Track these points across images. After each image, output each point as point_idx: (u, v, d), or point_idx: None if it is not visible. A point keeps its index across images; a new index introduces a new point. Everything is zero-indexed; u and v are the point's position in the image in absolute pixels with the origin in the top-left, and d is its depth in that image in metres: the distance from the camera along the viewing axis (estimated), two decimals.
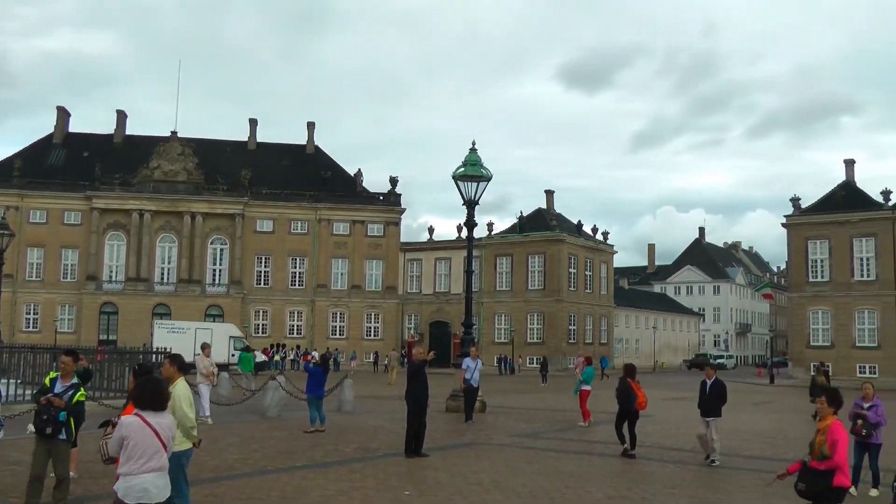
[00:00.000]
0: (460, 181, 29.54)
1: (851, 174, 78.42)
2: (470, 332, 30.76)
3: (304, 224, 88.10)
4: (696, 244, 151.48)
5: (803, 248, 74.63)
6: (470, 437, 22.34)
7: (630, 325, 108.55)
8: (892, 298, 70.37)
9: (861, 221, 72.13)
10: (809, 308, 74.24)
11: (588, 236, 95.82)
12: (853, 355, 70.13)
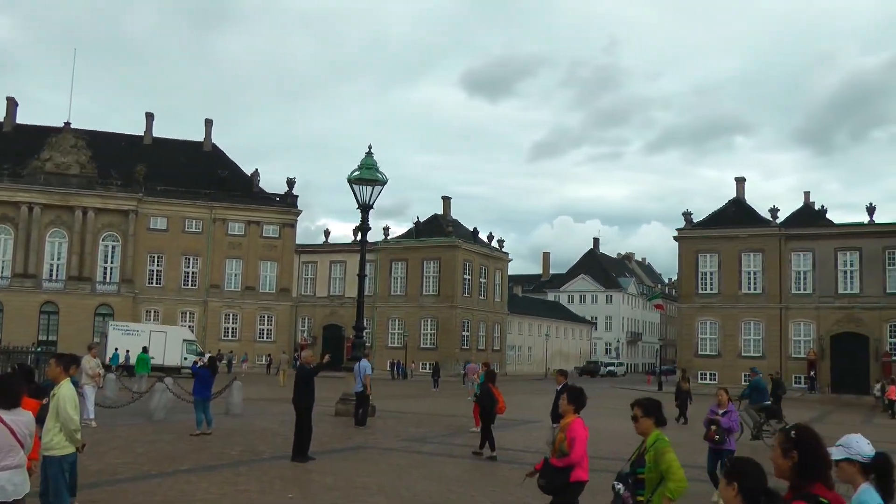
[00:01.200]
0: (355, 184, 29.70)
1: (742, 191, 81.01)
2: (361, 336, 30.94)
3: (199, 223, 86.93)
4: (590, 254, 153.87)
5: (694, 261, 76.70)
6: (358, 441, 22.51)
7: (523, 331, 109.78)
8: (777, 311, 72.85)
9: (750, 237, 74.49)
10: (698, 318, 76.32)
11: (483, 243, 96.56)
12: (738, 364, 72.15)
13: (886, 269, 70.22)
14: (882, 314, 69.58)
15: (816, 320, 72.11)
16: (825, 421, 40.83)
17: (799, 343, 73.04)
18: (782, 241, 73.54)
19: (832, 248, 72.14)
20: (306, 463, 17.58)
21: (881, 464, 5.17)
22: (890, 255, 70.24)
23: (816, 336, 71.97)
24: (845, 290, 71.65)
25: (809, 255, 73.12)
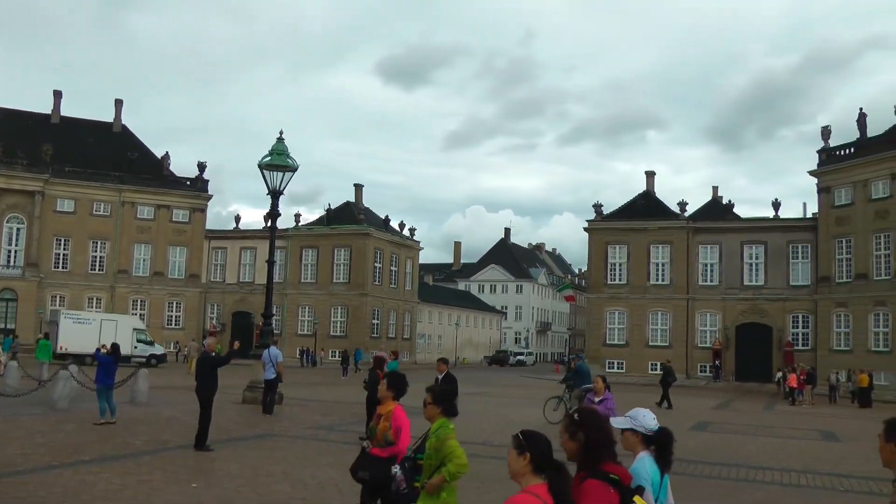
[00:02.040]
0: (266, 170, 29.44)
1: (652, 185, 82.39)
2: (270, 324, 30.69)
3: (108, 206, 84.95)
4: (501, 244, 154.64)
5: (603, 252, 77.74)
6: (264, 429, 22.34)
7: (433, 320, 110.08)
8: (684, 302, 74.27)
9: (659, 229, 75.80)
10: (607, 308, 77.40)
11: (395, 231, 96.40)
12: (646, 354, 73.47)
13: (790, 262, 72.13)
14: (785, 305, 71.53)
15: (722, 311, 73.76)
16: (729, 408, 42.15)
17: (705, 333, 74.64)
18: (690, 233, 75.02)
19: (738, 242, 73.86)
20: (211, 452, 17.38)
21: (662, 437, 5.68)
22: (794, 249, 72.12)
23: (722, 326, 73.67)
24: (750, 282, 73.46)
25: (716, 247, 74.71)
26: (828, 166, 69.79)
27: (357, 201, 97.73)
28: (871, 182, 65.81)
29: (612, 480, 4.79)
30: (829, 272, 68.97)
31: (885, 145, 65.42)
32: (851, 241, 67.16)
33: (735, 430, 29.12)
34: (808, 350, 69.24)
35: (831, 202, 69.14)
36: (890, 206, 64.17)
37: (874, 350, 64.31)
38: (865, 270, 65.80)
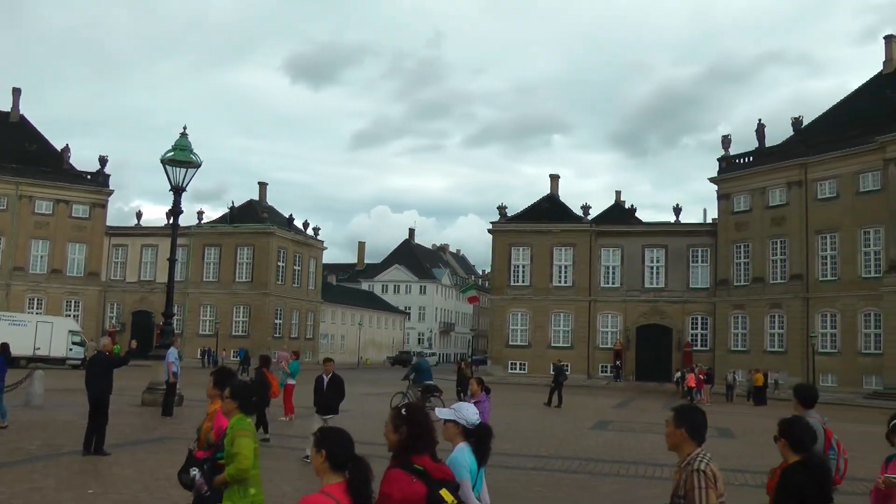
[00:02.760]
0: (169, 165, 28.68)
1: (556, 188, 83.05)
2: (171, 323, 29.92)
3: (3, 200, 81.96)
4: (405, 244, 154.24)
5: (507, 254, 77.96)
6: (163, 432, 21.69)
7: (336, 320, 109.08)
8: (586, 303, 74.88)
9: (562, 232, 76.35)
10: (510, 310, 77.63)
11: (299, 230, 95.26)
12: (548, 354, 73.62)
13: (690, 265, 73.47)
14: (685, 307, 72.81)
15: (623, 312, 74.62)
16: (629, 407, 42.46)
17: (606, 334, 75.43)
18: (593, 236, 75.75)
19: (640, 245, 74.87)
20: (107, 456, 16.71)
21: (481, 432, 6.01)
22: (693, 253, 73.45)
23: (623, 327, 74.57)
24: (651, 284, 74.52)
25: (618, 250, 75.59)
26: (727, 174, 71.26)
27: (261, 199, 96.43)
28: (769, 190, 67.47)
29: (416, 471, 5.00)
30: (728, 275, 70.42)
31: (782, 155, 67.28)
32: (749, 246, 68.84)
33: (634, 429, 29.45)
34: (707, 350, 70.79)
35: (730, 208, 70.59)
36: (786, 213, 65.86)
37: (770, 350, 66.28)
38: (762, 274, 67.46)
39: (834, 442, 8.96)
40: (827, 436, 8.90)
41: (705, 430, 5.71)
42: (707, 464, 5.39)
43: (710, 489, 5.28)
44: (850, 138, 62.23)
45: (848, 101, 70.48)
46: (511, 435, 24.91)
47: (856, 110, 66.32)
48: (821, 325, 63.16)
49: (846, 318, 61.76)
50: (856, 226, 61.41)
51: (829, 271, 63.54)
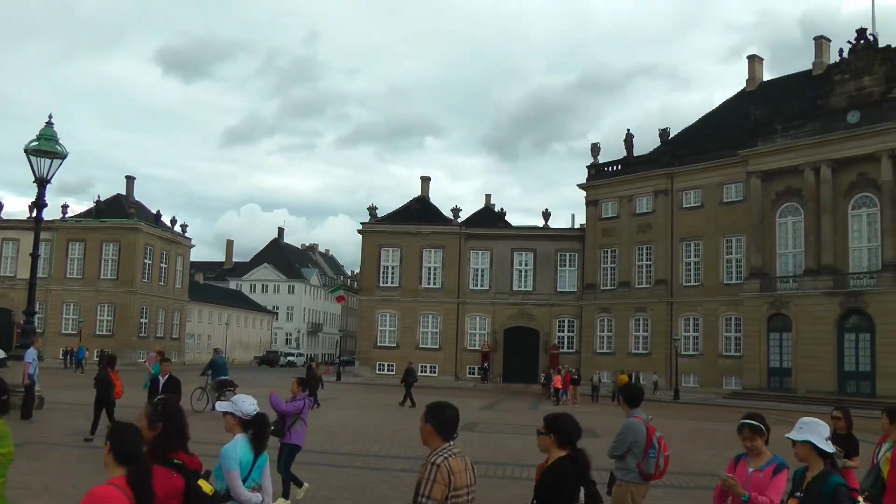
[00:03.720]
0: (32, 155, 26.81)
1: (427, 190, 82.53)
2: (32, 322, 28.03)
3: None
4: (274, 243, 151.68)
5: (377, 255, 76.89)
6: (21, 437, 19.96)
7: (203, 320, 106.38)
8: (455, 305, 74.41)
9: (432, 234, 75.68)
10: (378, 311, 76.56)
11: (166, 227, 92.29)
12: (416, 356, 72.98)
13: (557, 269, 73.84)
14: (552, 310, 73.09)
15: (492, 315, 74.43)
16: (496, 408, 42.04)
17: (475, 336, 75.10)
18: (463, 239, 75.37)
19: (509, 248, 74.85)
20: None
21: (257, 422, 6.42)
22: (561, 257, 73.84)
23: (491, 329, 74.34)
24: (519, 287, 74.55)
25: (488, 253, 75.39)
26: (596, 181, 71.99)
27: (128, 194, 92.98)
28: (636, 198, 68.62)
29: (175, 465, 5.23)
30: (595, 280, 71.09)
31: (650, 165, 68.59)
32: (616, 251, 69.81)
33: (502, 430, 29.30)
34: (573, 352, 71.35)
35: (598, 214, 71.37)
36: (652, 221, 67.17)
37: (634, 352, 67.49)
38: (628, 279, 68.43)
39: (655, 440, 9.33)
40: (649, 434, 9.33)
41: (454, 427, 5.80)
42: (445, 459, 5.53)
43: (437, 483, 5.43)
44: (714, 151, 64.13)
45: (713, 116, 72.49)
46: (380, 436, 24.91)
47: (720, 124, 68.35)
48: (684, 329, 64.50)
49: (708, 322, 63.32)
50: (718, 234, 63.20)
51: (693, 277, 65.07)
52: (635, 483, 9.47)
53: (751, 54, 73.96)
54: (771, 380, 57.16)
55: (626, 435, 9.49)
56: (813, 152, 56.55)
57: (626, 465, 9.49)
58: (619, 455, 9.53)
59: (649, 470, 9.39)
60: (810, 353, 54.51)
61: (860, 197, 55.33)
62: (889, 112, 53.32)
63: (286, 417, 13.69)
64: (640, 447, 9.37)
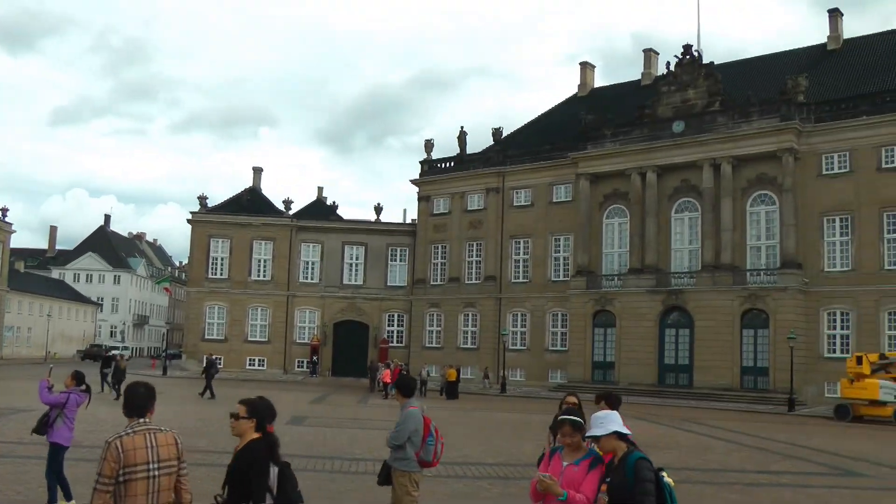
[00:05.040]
0: None
1: (259, 181, 79.18)
2: None
3: None
4: (100, 231, 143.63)
5: (206, 245, 73.04)
6: None
7: (24, 311, 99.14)
8: (285, 298, 71.60)
9: (263, 225, 72.56)
10: (206, 303, 72.75)
11: None
12: (244, 349, 70.35)
13: (388, 263, 72.19)
14: (382, 304, 71.39)
15: (321, 308, 72.00)
16: (325, 402, 41.35)
17: (304, 329, 72.40)
18: (294, 231, 72.55)
19: (340, 242, 72.55)
20: None
21: None
22: (392, 252, 72.21)
23: (321, 323, 71.85)
24: (350, 281, 72.45)
25: (319, 246, 72.85)
26: (429, 177, 70.80)
27: None
28: (468, 195, 67.94)
29: None
30: (425, 275, 69.89)
31: (482, 163, 68.01)
32: (447, 247, 68.88)
33: (330, 424, 28.81)
34: (403, 347, 69.86)
35: (430, 210, 70.21)
36: (482, 218, 66.75)
37: (463, 347, 66.61)
38: (458, 275, 67.66)
39: (433, 429, 9.69)
40: (426, 423, 9.63)
41: (138, 404, 5.83)
42: (119, 437, 5.61)
43: (106, 461, 5.51)
44: (545, 152, 64.36)
45: (546, 118, 72.76)
46: (206, 432, 23.68)
47: (552, 127, 68.58)
48: (512, 324, 63.93)
49: (535, 318, 63.16)
50: (547, 233, 63.39)
51: (521, 274, 64.86)
52: (415, 471, 9.70)
53: (583, 61, 74.60)
54: (595, 373, 57.75)
55: (406, 424, 9.62)
56: (640, 158, 57.73)
57: (405, 454, 9.64)
58: (399, 444, 9.64)
59: (428, 457, 9.69)
60: (633, 348, 55.76)
61: (683, 201, 57.02)
62: (711, 124, 55.40)
63: (51, 412, 12.10)
64: (419, 436, 9.60)
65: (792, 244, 51.17)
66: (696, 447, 25.64)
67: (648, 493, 5.95)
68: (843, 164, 51.08)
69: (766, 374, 50.53)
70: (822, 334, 50.66)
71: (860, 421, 39.33)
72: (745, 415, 41.76)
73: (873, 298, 48.83)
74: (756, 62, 64.14)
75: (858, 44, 60.31)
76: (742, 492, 17.34)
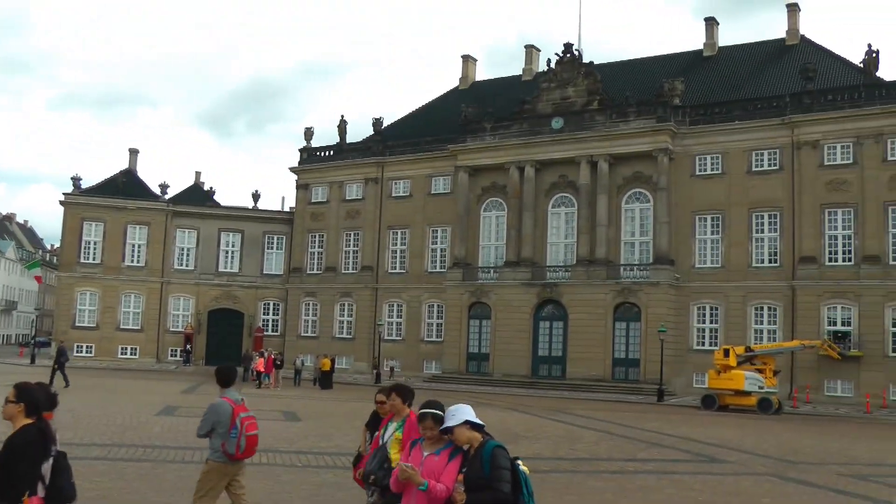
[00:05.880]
0: None
1: (136, 163, 75.57)
2: None
3: None
4: None
5: (79, 228, 69.00)
6: None
7: None
8: (159, 285, 68.40)
9: (138, 209, 69.09)
10: (78, 289, 68.73)
11: None
12: (117, 337, 66.99)
13: (265, 251, 69.84)
14: (257, 293, 68.99)
15: (196, 296, 69.00)
16: (197, 392, 39.41)
17: (178, 317, 69.20)
18: (170, 216, 69.26)
19: (217, 228, 69.64)
20: None
21: None
22: (269, 239, 69.84)
23: (195, 311, 68.84)
24: (225, 268, 69.66)
25: (195, 232, 69.76)
26: (308, 165, 68.86)
27: None
28: (346, 184, 66.45)
29: None
30: (302, 263, 67.91)
31: (361, 152, 66.56)
32: (324, 236, 67.10)
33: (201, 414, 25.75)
34: (278, 336, 67.59)
35: (308, 198, 68.33)
36: (360, 208, 65.42)
37: (338, 337, 64.97)
38: (335, 264, 66.12)
39: (238, 421, 9.35)
40: (234, 415, 9.35)
41: None
42: None
43: None
44: (425, 144, 63.19)
45: (426, 110, 71.61)
46: (72, 423, 22.02)
47: (433, 119, 67.44)
48: (388, 314, 62.54)
49: (411, 309, 61.88)
50: (425, 224, 62.31)
51: (399, 264, 63.66)
52: (222, 462, 9.51)
53: (465, 54, 73.33)
54: (469, 364, 56.88)
55: (209, 415, 9.52)
56: (519, 152, 57.06)
57: (213, 444, 9.53)
58: (205, 434, 9.54)
59: (230, 450, 9.39)
60: (507, 340, 55.07)
61: (560, 197, 56.79)
62: (589, 122, 55.18)
63: None
64: (224, 427, 9.38)
65: (665, 241, 51.36)
66: (567, 437, 25.53)
67: (504, 481, 6.00)
68: (715, 166, 51.70)
69: (638, 365, 50.67)
70: (692, 328, 51.15)
71: (726, 410, 40.12)
72: (616, 405, 41.60)
73: (741, 294, 49.69)
74: (635, 64, 64.23)
75: (733, 52, 61.24)
76: (609, 479, 17.57)
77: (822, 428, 32.93)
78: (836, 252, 47.88)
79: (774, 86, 54.46)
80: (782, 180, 49.38)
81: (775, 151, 49.98)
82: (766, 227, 49.82)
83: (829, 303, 47.40)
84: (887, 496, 16.70)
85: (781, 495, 16.41)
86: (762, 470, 19.79)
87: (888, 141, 46.67)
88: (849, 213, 47.54)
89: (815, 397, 45.99)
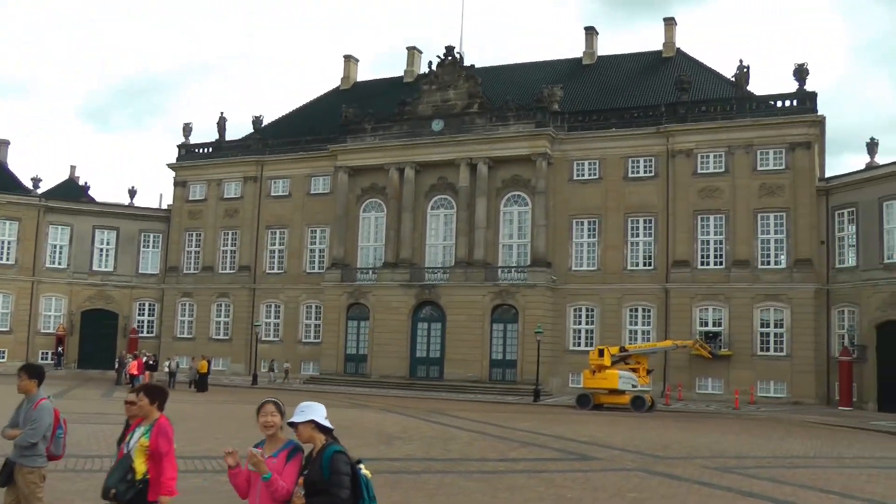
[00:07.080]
0: None
1: (5, 154, 71.12)
2: None
3: None
4: None
5: None
6: None
7: None
8: (29, 284, 63.50)
9: (7, 204, 63.99)
10: None
11: None
12: None
13: (141, 250, 65.70)
14: (133, 293, 64.85)
15: (69, 296, 64.32)
16: (67, 396, 36.80)
17: (49, 318, 64.38)
18: (42, 212, 64.52)
19: (91, 225, 65.17)
20: None
21: None
22: (145, 238, 65.87)
23: (67, 311, 64.27)
24: (100, 267, 65.12)
25: (68, 229, 65.15)
26: (186, 161, 65.46)
27: None
28: (225, 182, 63.46)
29: None
30: (178, 263, 64.31)
31: (240, 150, 63.79)
32: (202, 234, 63.87)
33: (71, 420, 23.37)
34: (153, 337, 63.71)
35: (186, 196, 64.80)
36: (239, 206, 62.66)
37: (215, 338, 61.96)
38: (212, 263, 62.99)
39: (62, 421, 8.78)
40: (56, 415, 8.68)
41: None
42: None
43: None
44: (305, 143, 60.83)
45: (307, 109, 69.09)
46: None
47: (313, 118, 65.08)
48: (265, 315, 59.83)
49: (289, 309, 59.34)
50: (304, 224, 59.96)
51: (277, 264, 60.94)
52: (43, 465, 8.69)
53: (347, 54, 70.82)
54: (347, 365, 54.80)
55: (42, 420, 8.55)
56: (399, 153, 55.30)
57: (37, 449, 8.55)
58: (35, 442, 8.51)
59: (58, 451, 8.78)
60: (385, 341, 53.19)
61: (439, 198, 55.35)
62: (469, 125, 53.82)
63: None
64: (50, 429, 8.65)
65: (542, 244, 50.32)
66: (441, 438, 24.76)
67: (343, 486, 5.86)
68: (592, 172, 51.17)
69: (515, 366, 49.52)
70: (569, 329, 50.45)
71: (600, 409, 39.70)
72: (492, 406, 40.39)
73: (616, 296, 49.27)
74: (516, 69, 63.04)
75: (611, 61, 60.89)
76: (480, 479, 17.18)
77: (692, 424, 32.84)
78: (707, 256, 48.10)
79: (651, 96, 54.33)
80: (657, 187, 49.26)
81: (651, 159, 49.80)
82: (641, 232, 49.59)
83: (700, 304, 47.60)
84: (748, 487, 16.57)
85: (647, 489, 16.26)
86: (631, 465, 19.62)
87: (758, 151, 47.48)
88: (720, 220, 47.83)
89: (687, 395, 46.14)
